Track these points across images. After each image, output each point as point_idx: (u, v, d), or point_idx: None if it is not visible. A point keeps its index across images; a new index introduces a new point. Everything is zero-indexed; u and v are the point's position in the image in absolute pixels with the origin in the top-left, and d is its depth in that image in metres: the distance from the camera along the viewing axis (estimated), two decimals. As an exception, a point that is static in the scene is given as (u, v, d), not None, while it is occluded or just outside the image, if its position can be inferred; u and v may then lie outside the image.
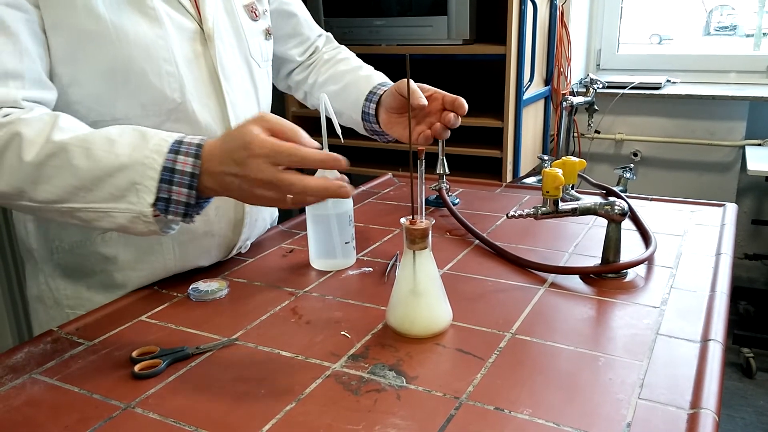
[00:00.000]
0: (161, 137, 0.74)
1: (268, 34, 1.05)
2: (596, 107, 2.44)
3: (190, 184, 0.72)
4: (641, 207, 1.16)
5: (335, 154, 0.70)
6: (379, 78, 1.14)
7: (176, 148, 0.72)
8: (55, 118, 0.75)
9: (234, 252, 1.01)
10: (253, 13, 1.00)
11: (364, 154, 2.40)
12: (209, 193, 0.74)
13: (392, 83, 1.10)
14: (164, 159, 0.72)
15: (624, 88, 2.58)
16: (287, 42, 1.19)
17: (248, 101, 0.98)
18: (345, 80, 1.15)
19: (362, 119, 1.11)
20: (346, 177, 0.76)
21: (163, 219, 0.74)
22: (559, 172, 0.87)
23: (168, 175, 0.72)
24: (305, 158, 0.69)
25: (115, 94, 0.82)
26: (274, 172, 0.69)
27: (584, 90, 2.41)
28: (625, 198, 1.14)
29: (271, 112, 1.05)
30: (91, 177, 0.72)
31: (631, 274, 0.90)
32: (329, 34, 1.28)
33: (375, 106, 1.09)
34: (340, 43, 1.28)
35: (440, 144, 1.15)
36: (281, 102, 2.54)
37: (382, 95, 1.08)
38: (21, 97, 0.76)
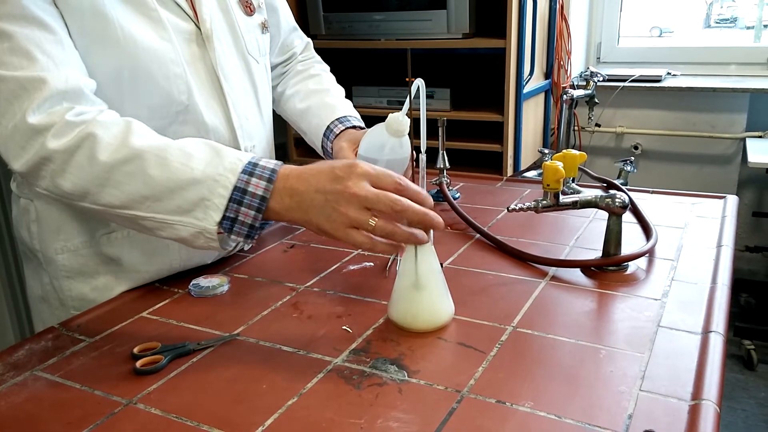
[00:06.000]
0: (236, 156, 0.74)
1: (264, 27, 1.03)
2: (597, 100, 2.43)
3: (259, 207, 0.72)
4: (642, 200, 1.16)
5: (436, 215, 0.70)
6: (342, 110, 1.09)
7: (250, 170, 0.72)
8: (129, 123, 0.75)
9: (237, 249, 1.01)
10: (248, 8, 0.99)
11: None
12: (272, 215, 0.73)
13: (354, 119, 1.06)
14: (237, 179, 0.72)
15: (624, 81, 2.57)
16: None
17: (248, 100, 0.98)
18: (310, 101, 1.13)
19: (321, 147, 1.09)
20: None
21: (225, 237, 0.74)
22: (560, 165, 0.87)
23: (239, 195, 0.72)
24: (408, 208, 0.69)
25: (121, 96, 0.82)
26: (375, 191, 0.69)
27: (584, 83, 2.40)
28: (626, 191, 1.13)
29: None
30: (162, 188, 0.72)
31: (632, 266, 0.90)
32: (310, 40, 1.25)
33: (330, 144, 1.07)
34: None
35: (440, 138, 1.15)
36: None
37: (338, 135, 1.05)
38: (82, 83, 0.75)
